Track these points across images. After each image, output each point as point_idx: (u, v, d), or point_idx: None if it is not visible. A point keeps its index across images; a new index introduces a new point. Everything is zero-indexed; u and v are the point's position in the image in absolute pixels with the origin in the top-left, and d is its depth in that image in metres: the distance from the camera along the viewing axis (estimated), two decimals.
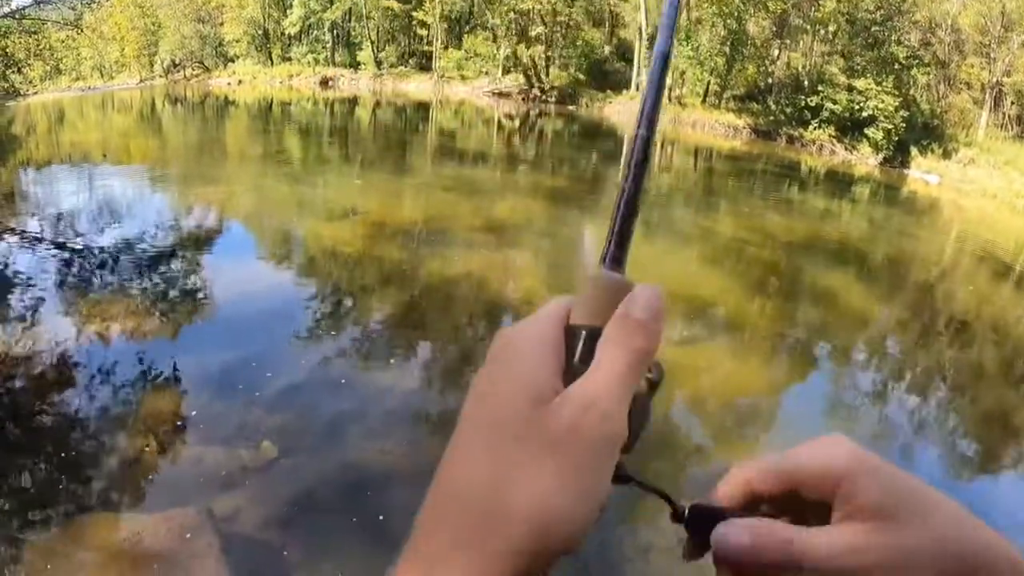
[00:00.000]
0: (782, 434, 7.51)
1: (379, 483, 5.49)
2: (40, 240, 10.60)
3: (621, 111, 35.15)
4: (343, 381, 6.97)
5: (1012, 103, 39.67)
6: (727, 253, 13.32)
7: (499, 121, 30.93)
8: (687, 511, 0.52)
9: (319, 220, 12.57)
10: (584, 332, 0.52)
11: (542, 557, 0.43)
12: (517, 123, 31.18)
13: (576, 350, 0.51)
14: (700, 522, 0.50)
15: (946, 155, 33.24)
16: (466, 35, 40.64)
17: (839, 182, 26.35)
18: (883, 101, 30.53)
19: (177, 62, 42.79)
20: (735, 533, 0.47)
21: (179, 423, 5.97)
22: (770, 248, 14.33)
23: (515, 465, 0.45)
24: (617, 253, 0.57)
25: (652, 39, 35.23)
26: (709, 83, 34.68)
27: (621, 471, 0.50)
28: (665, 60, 0.60)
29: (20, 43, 27.45)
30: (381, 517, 5.12)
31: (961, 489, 7.85)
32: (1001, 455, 8.92)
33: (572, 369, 0.50)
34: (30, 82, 29.59)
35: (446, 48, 40.16)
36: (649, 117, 0.60)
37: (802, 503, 0.49)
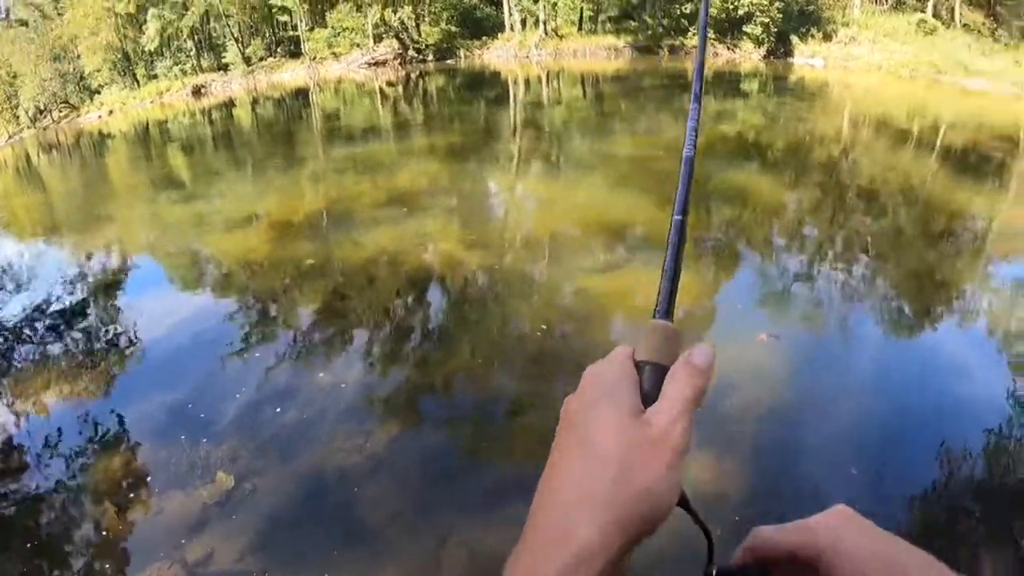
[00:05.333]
0: (723, 333, 7.66)
1: (341, 481, 5.39)
2: None
3: (500, 55, 34.79)
4: (284, 390, 6.77)
5: None
6: (632, 173, 13.32)
7: (381, 91, 30.15)
8: (715, 572, 0.69)
9: (222, 233, 12.04)
10: (648, 367, 0.71)
11: (647, 524, 0.61)
12: (399, 89, 30.42)
13: (643, 379, 0.70)
14: None
15: (827, 38, 33.90)
16: (329, 11, 39.64)
17: (728, 82, 26.61)
18: None
19: (42, 108, 40.69)
20: None
21: (133, 478, 5.73)
22: (672, 159, 14.35)
23: (630, 456, 0.62)
24: (667, 307, 0.79)
25: None
26: (583, 9, 34.48)
27: (686, 499, 0.66)
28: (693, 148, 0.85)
29: None
30: (350, 514, 5.04)
31: (900, 347, 8.24)
32: (931, 308, 9.28)
33: (642, 392, 0.68)
34: None
35: (312, 29, 39.13)
36: (683, 201, 0.83)
37: (800, 566, 0.66)
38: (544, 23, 34.45)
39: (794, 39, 33.32)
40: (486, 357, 7.14)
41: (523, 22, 36.22)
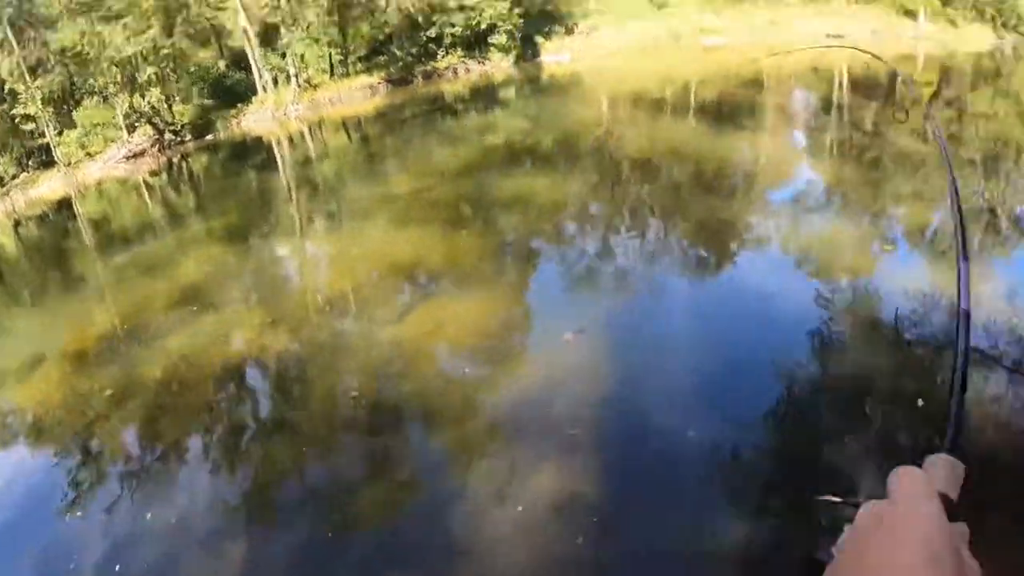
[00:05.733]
0: (531, 344, 7.95)
1: None
2: None
3: (259, 119, 33.79)
4: (120, 542, 6.11)
5: None
6: (411, 206, 13.49)
7: (145, 183, 28.59)
8: None
9: (9, 387, 10.61)
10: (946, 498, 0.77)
11: None
12: (164, 177, 29.23)
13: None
14: None
15: (569, 32, 35.66)
16: (76, 110, 37.76)
17: (485, 95, 27.28)
18: (495, 8, 32.04)
19: None
20: None
21: None
22: (449, 183, 14.65)
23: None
24: (955, 441, 0.88)
25: (260, 35, 34.50)
26: (331, 55, 34.39)
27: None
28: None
29: None
30: None
31: (708, 291, 9.04)
32: (726, 247, 10.30)
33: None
34: None
35: (61, 133, 37.21)
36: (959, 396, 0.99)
37: None
38: (296, 77, 34.14)
39: (539, 40, 34.63)
40: (319, 433, 7.04)
41: (275, 80, 35.73)
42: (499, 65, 32.38)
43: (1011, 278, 8.79)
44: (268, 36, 34.58)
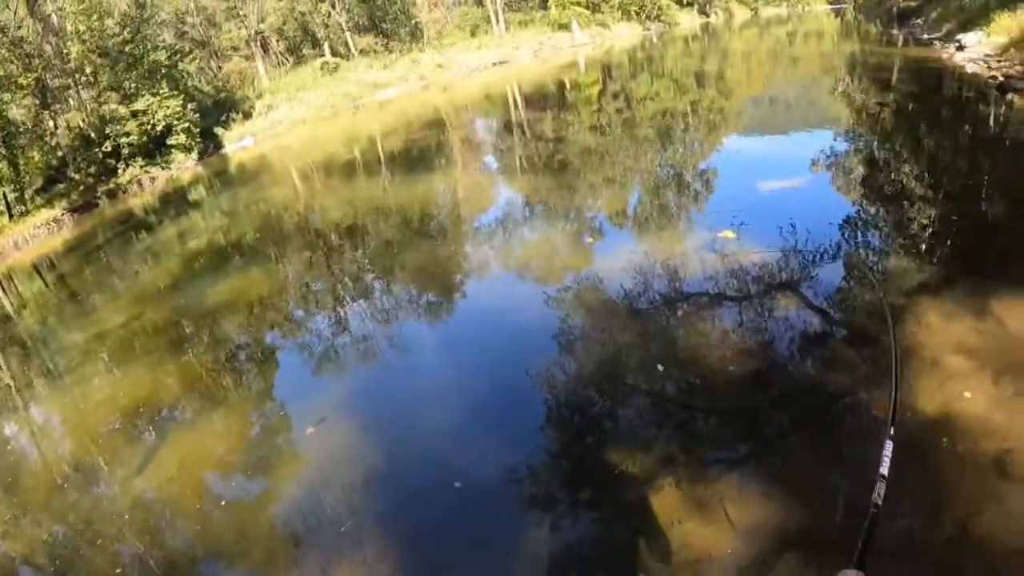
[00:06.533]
0: (287, 430, 7.95)
1: None
2: None
3: None
4: None
5: (278, 41, 46.09)
6: (131, 339, 12.70)
7: None
8: None
9: None
10: None
11: None
12: None
13: None
14: None
15: (247, 116, 35.56)
16: None
17: (177, 201, 26.08)
18: (168, 107, 31.20)
19: None
20: None
21: None
22: (162, 302, 13.93)
23: None
24: (861, 559, 0.97)
25: None
26: (4, 193, 32.02)
27: None
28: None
29: None
30: None
31: (443, 325, 9.55)
32: (451, 281, 10.96)
33: None
34: None
35: None
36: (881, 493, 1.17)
37: None
38: None
39: (219, 131, 34.31)
40: None
41: None
42: (184, 166, 31.34)
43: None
44: None
